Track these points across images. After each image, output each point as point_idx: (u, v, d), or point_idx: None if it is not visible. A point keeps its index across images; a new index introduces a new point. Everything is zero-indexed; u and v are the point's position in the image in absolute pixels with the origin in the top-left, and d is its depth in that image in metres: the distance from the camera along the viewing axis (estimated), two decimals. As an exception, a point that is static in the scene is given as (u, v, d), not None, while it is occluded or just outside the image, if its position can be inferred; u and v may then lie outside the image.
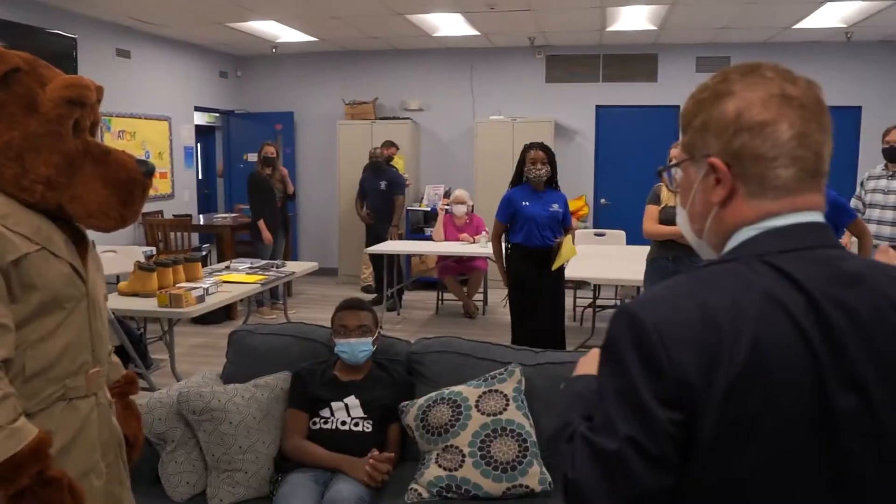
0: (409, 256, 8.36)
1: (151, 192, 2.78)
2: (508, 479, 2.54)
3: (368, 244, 7.47)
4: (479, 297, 7.75)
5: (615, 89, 9.07)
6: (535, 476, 2.55)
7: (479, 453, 2.58)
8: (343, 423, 2.74)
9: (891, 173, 5.14)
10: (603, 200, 9.34)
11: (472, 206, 7.70)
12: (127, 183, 1.70)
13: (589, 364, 1.25)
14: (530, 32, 8.26)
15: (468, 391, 2.76)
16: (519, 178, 4.87)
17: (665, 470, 0.95)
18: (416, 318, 7.46)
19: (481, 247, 7.06)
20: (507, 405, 2.70)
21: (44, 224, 1.62)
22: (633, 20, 7.54)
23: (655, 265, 4.60)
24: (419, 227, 9.03)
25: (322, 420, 2.76)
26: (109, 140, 7.49)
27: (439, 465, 2.60)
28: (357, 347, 2.81)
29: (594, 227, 8.62)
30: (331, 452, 2.66)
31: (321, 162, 9.53)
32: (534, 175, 4.69)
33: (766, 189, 1.04)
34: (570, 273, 5.10)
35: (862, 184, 5.39)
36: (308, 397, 2.79)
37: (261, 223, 7.24)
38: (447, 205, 7.66)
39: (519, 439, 2.61)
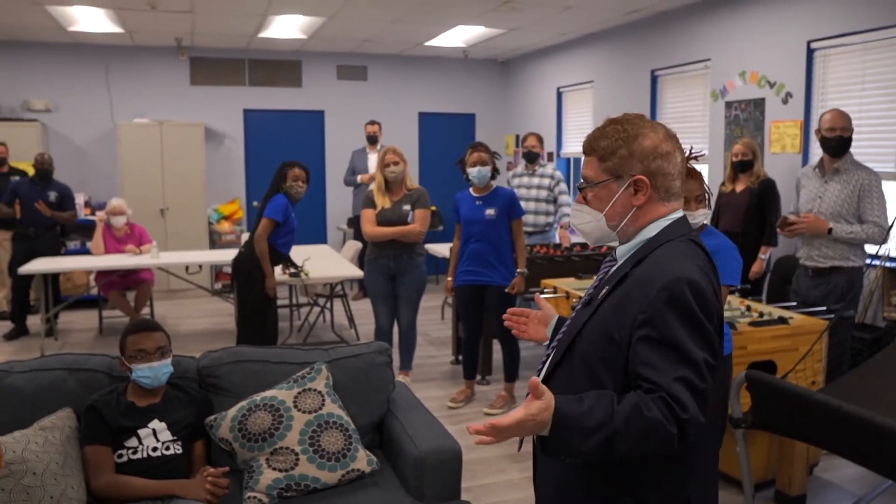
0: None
1: None
2: (342, 467, 2.73)
3: (20, 262, 6.56)
4: (146, 310, 7.34)
5: (262, 93, 9.24)
6: (364, 459, 2.79)
7: (310, 449, 2.72)
8: (154, 448, 2.64)
9: (531, 171, 6.28)
10: (255, 203, 9.44)
11: (130, 214, 7.25)
12: None
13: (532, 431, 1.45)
14: (178, 33, 8.02)
15: (282, 394, 2.86)
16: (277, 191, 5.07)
17: (714, 374, 1.50)
18: (81, 341, 6.82)
19: (152, 257, 6.74)
20: (324, 401, 2.87)
21: None
22: (284, 28, 7.81)
23: (378, 263, 5.04)
24: (61, 241, 8.14)
25: (130, 450, 2.62)
26: None
27: (273, 468, 2.68)
28: (160, 370, 2.70)
29: (248, 230, 8.70)
30: (155, 481, 2.55)
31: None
32: (294, 191, 5.04)
33: (670, 195, 1.63)
34: None
35: (508, 182, 6.46)
36: (108, 430, 2.61)
37: None
38: (105, 216, 7.09)
39: (342, 429, 2.81)
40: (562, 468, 1.65)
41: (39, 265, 6.40)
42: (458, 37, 8.23)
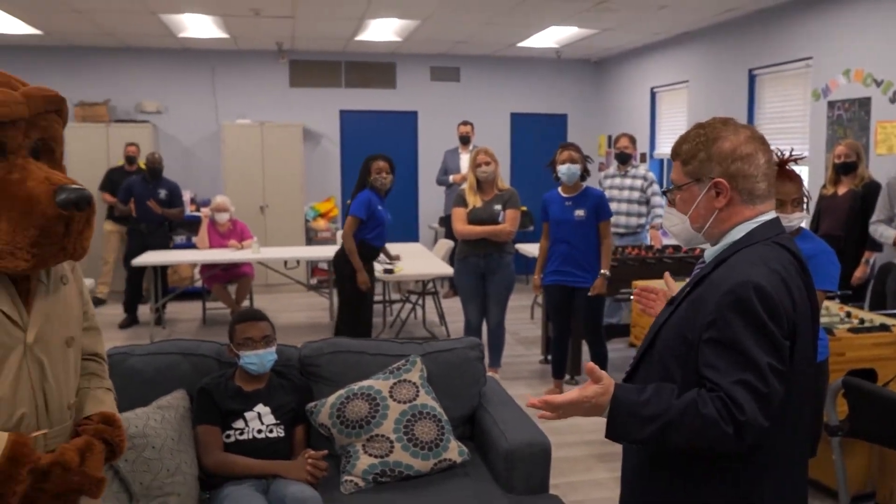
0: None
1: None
2: (434, 456, 2.83)
3: (132, 255, 7.00)
4: (246, 302, 7.68)
5: (358, 95, 9.50)
6: (455, 449, 2.88)
7: (405, 437, 2.83)
8: (259, 431, 2.80)
9: (623, 172, 6.25)
10: (349, 202, 9.69)
11: (233, 211, 7.60)
12: (33, 220, 1.45)
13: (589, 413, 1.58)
14: (279, 37, 8.35)
15: (378, 384, 2.98)
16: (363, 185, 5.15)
17: (783, 379, 1.50)
18: (186, 330, 7.20)
19: (253, 252, 7.05)
20: (418, 392, 2.98)
21: None
22: (380, 31, 8.01)
23: (468, 262, 5.14)
24: (169, 236, 8.61)
25: (237, 431, 2.79)
26: None
27: (369, 454, 2.81)
28: (265, 358, 2.85)
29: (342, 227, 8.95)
30: (260, 461, 2.72)
31: (45, 168, 8.59)
32: (380, 183, 4.99)
33: (754, 197, 1.64)
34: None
35: (600, 182, 6.44)
36: (218, 411, 2.80)
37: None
38: (210, 213, 7.46)
39: (435, 420, 2.91)
40: (639, 461, 1.72)
41: (150, 258, 6.80)
42: (550, 37, 8.24)
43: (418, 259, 6.80)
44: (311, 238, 9.15)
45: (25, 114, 1.47)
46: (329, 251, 7.38)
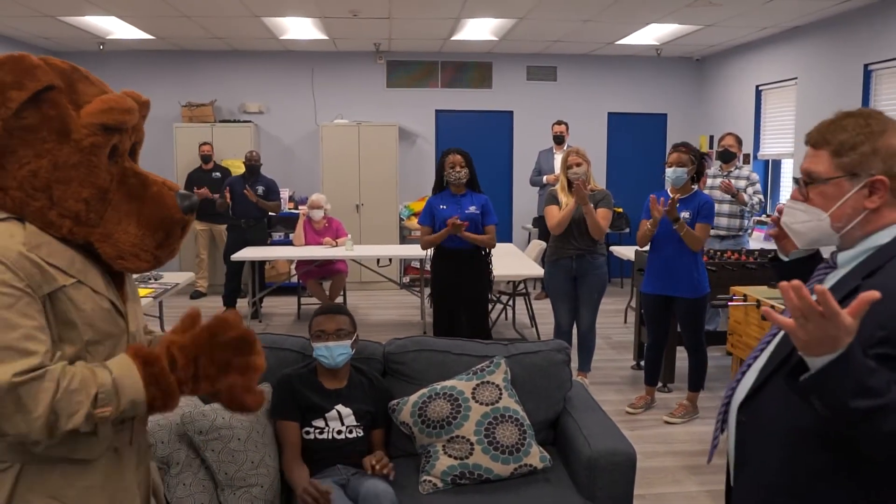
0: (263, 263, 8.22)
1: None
2: (515, 461, 2.78)
3: (231, 251, 7.25)
4: (339, 299, 7.82)
5: (454, 95, 9.52)
6: (537, 455, 2.82)
7: (485, 440, 2.79)
8: (339, 431, 2.78)
9: (725, 173, 6.00)
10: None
11: (329, 209, 7.74)
12: (164, 223, 1.52)
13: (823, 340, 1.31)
14: (377, 38, 8.46)
15: (461, 385, 2.96)
16: (441, 184, 4.98)
17: None
18: (281, 324, 7.40)
19: (346, 250, 7.17)
20: (501, 394, 2.93)
21: (78, 256, 1.45)
22: (477, 31, 7.99)
23: (559, 264, 5.04)
24: (268, 232, 8.88)
25: (316, 430, 2.77)
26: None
27: (448, 455, 2.78)
28: (335, 351, 2.80)
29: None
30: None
31: (157, 166, 8.99)
32: (453, 178, 4.86)
33: None
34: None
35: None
36: (297, 405, 2.79)
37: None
38: (307, 210, 7.63)
39: (517, 424, 2.86)
40: (791, 475, 1.48)
41: (248, 253, 7.02)
42: (650, 35, 8.02)
43: (510, 259, 6.74)
44: (405, 237, 9.23)
45: (135, 121, 1.52)
46: (421, 250, 7.43)
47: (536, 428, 2.97)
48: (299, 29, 7.82)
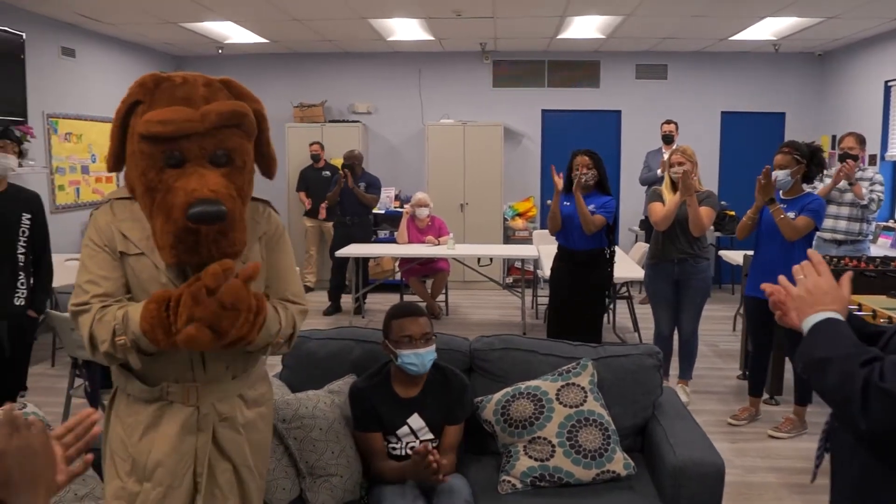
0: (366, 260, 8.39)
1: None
2: (597, 466, 2.70)
3: (337, 247, 7.44)
4: (441, 297, 7.88)
5: (560, 94, 9.40)
6: (620, 462, 2.73)
7: (567, 443, 2.73)
8: (412, 447, 2.65)
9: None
10: (549, 202, 9.62)
11: (432, 207, 7.81)
12: (173, 226, 1.69)
13: (821, 300, 1.42)
14: (483, 38, 8.47)
15: (546, 385, 2.90)
16: (570, 184, 4.84)
17: None
18: (382, 321, 7.50)
19: (448, 248, 7.21)
20: (586, 397, 2.86)
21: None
22: (583, 29, 7.86)
23: (660, 268, 4.89)
24: (373, 230, 9.05)
25: (389, 447, 2.70)
26: (56, 143, 7.18)
27: (529, 457, 2.74)
28: (426, 357, 2.65)
29: (542, 228, 8.91)
30: (402, 469, 2.62)
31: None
32: (580, 180, 4.78)
33: None
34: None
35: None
36: (378, 416, 2.67)
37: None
38: (411, 208, 7.72)
39: (601, 428, 2.78)
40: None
41: (352, 250, 7.18)
42: (766, 29, 7.64)
43: (611, 262, 6.58)
44: (509, 237, 9.20)
45: (199, 129, 1.72)
46: (525, 251, 7.40)
47: (622, 434, 2.88)
48: (406, 30, 7.93)
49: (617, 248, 7.57)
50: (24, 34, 6.60)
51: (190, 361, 1.86)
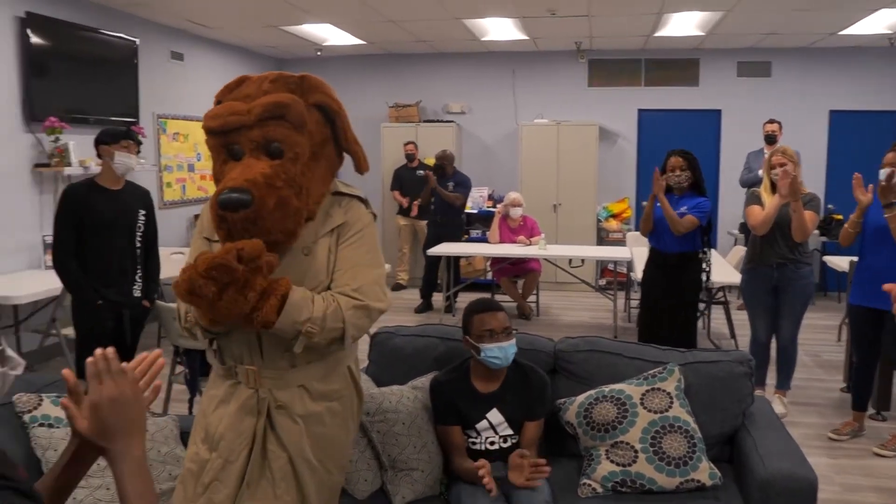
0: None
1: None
2: (681, 474, 2.63)
3: (429, 245, 7.53)
4: (532, 298, 7.84)
5: (657, 93, 9.19)
6: (706, 471, 2.65)
7: (651, 449, 2.67)
8: (492, 442, 2.68)
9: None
10: (644, 203, 9.42)
11: (525, 207, 7.77)
12: (212, 212, 1.85)
13: None
14: (578, 37, 8.37)
15: (630, 389, 2.85)
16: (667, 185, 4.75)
17: None
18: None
19: (539, 249, 7.16)
20: (672, 403, 2.79)
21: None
22: (681, 26, 7.65)
23: (758, 272, 4.72)
24: (465, 229, 9.10)
25: (469, 441, 2.71)
26: (165, 143, 7.55)
27: (611, 461, 2.70)
28: (508, 350, 2.66)
29: (636, 230, 8.72)
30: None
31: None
32: (673, 182, 4.69)
33: None
34: None
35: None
36: (457, 410, 2.70)
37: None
38: (503, 208, 7.71)
39: (687, 435, 2.71)
40: None
41: (442, 249, 7.24)
42: (880, 22, 7.24)
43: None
44: (603, 238, 9.06)
45: (247, 122, 1.83)
46: (619, 252, 7.27)
47: (709, 442, 2.79)
48: (500, 30, 7.93)
49: (713, 252, 7.38)
50: (137, 40, 6.97)
51: (247, 345, 1.96)
